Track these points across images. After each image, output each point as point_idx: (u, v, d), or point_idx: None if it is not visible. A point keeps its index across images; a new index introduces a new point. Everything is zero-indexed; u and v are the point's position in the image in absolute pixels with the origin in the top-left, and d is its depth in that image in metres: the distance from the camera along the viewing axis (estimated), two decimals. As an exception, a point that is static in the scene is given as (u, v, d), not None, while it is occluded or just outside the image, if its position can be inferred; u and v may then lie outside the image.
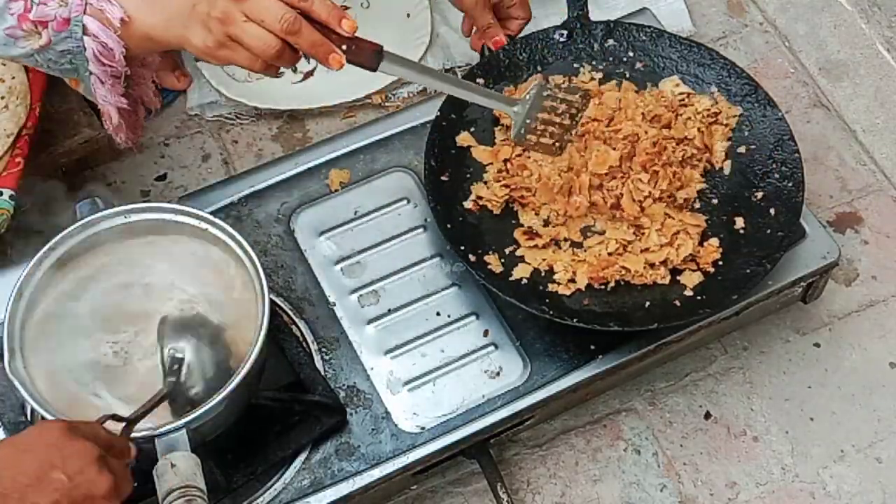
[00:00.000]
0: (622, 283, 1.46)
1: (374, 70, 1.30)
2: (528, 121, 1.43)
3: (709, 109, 1.55)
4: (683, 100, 1.57)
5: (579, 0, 1.63)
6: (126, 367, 1.30)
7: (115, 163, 1.82)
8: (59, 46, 1.31)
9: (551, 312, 1.41)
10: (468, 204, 1.51)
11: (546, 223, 1.50)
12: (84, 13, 1.29)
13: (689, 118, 1.54)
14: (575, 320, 1.41)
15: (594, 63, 1.62)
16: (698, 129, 1.53)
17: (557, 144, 1.45)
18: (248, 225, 1.55)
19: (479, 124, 1.58)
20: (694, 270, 1.47)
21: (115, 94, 1.36)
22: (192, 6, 1.26)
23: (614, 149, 1.48)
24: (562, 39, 1.63)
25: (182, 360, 1.26)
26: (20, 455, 1.07)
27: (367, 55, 1.29)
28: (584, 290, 1.45)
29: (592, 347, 1.46)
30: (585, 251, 1.47)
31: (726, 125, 1.56)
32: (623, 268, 1.45)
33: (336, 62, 1.28)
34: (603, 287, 1.46)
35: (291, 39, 1.26)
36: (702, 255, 1.47)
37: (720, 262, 1.48)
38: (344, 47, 1.28)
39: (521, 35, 1.64)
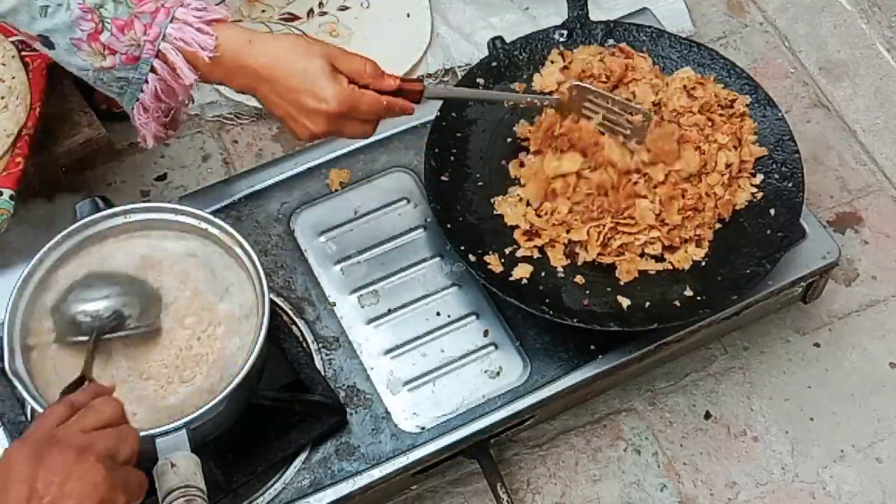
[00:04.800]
0: (621, 281, 1.47)
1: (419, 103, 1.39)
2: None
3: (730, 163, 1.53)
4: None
5: (579, 0, 1.63)
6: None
7: (115, 163, 1.82)
8: (120, 73, 1.32)
9: (551, 312, 1.41)
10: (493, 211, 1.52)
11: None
12: (155, 56, 1.30)
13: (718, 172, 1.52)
14: (575, 320, 1.41)
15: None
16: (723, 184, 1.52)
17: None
18: (248, 225, 1.55)
19: (478, 124, 1.58)
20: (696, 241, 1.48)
21: (157, 123, 1.38)
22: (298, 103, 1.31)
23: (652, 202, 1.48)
24: (562, 39, 1.63)
25: (73, 315, 1.27)
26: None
27: (414, 96, 1.38)
28: (584, 271, 1.46)
29: (592, 347, 1.46)
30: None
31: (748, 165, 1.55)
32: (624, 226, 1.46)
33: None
34: (602, 269, 1.46)
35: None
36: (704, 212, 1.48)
37: (720, 262, 1.48)
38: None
39: (521, 35, 1.64)
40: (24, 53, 1.61)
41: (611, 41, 1.63)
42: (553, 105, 1.48)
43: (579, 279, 1.47)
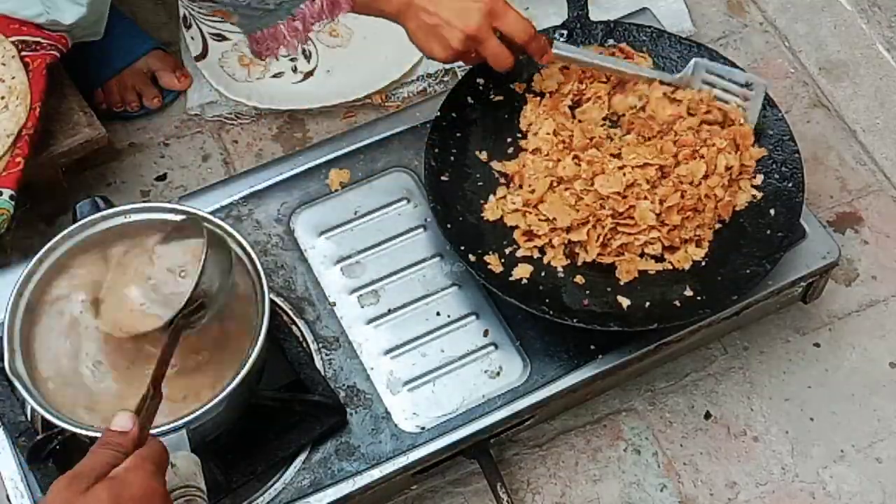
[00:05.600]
0: (620, 279, 1.47)
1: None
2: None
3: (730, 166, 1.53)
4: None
5: (579, 0, 1.63)
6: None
7: (115, 163, 1.82)
8: None
9: (551, 312, 1.41)
10: (486, 215, 1.52)
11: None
12: None
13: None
14: (575, 320, 1.41)
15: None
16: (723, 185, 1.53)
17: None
18: (248, 225, 1.55)
19: (478, 124, 1.58)
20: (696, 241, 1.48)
21: (297, 40, 1.42)
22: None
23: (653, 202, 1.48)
24: (562, 39, 1.63)
25: (205, 305, 1.24)
26: None
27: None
28: (582, 269, 1.47)
29: (592, 347, 1.46)
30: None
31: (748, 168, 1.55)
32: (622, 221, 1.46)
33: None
34: (601, 266, 1.47)
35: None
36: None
37: (720, 262, 1.48)
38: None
39: (522, 35, 1.64)
40: (23, 53, 1.61)
41: (611, 41, 1.63)
42: (672, 83, 1.53)
43: (579, 279, 1.47)
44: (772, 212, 1.51)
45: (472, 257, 1.46)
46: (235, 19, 1.38)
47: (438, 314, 1.50)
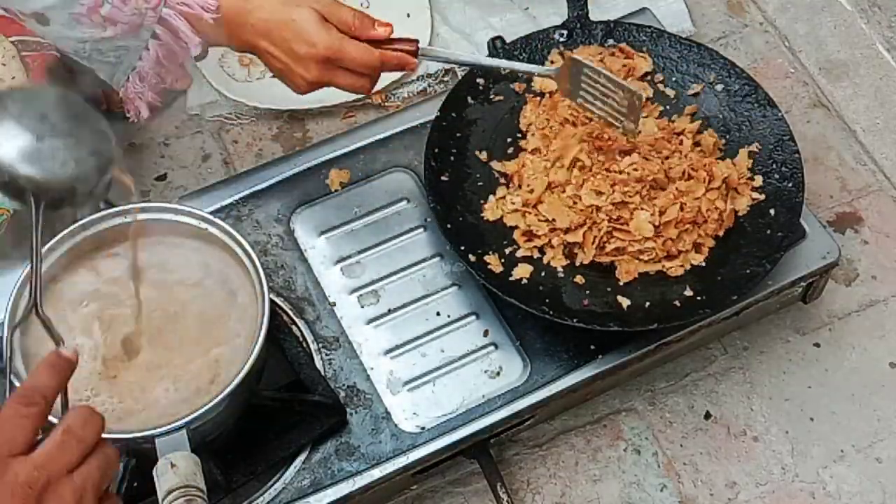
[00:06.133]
0: (619, 279, 1.47)
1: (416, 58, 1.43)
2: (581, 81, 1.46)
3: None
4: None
5: (579, 0, 1.63)
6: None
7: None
8: (120, 42, 1.34)
9: (551, 312, 1.41)
10: (486, 215, 1.51)
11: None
12: (157, 22, 1.33)
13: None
14: (575, 320, 1.41)
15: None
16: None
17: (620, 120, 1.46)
18: (248, 225, 1.55)
19: (478, 124, 1.58)
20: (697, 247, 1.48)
21: (153, 91, 1.40)
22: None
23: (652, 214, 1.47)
24: (562, 39, 1.63)
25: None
26: None
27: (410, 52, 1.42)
28: (582, 270, 1.47)
29: (592, 347, 1.46)
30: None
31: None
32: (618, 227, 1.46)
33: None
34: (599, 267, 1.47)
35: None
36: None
37: (720, 262, 1.48)
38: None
39: (522, 35, 1.64)
40: (23, 53, 1.61)
41: (611, 41, 1.63)
42: (551, 76, 1.50)
43: (579, 279, 1.47)
44: (772, 212, 1.51)
45: (472, 257, 1.46)
46: (100, 71, 1.39)
47: (438, 314, 1.50)
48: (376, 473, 1.39)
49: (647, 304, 1.45)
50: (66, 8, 1.30)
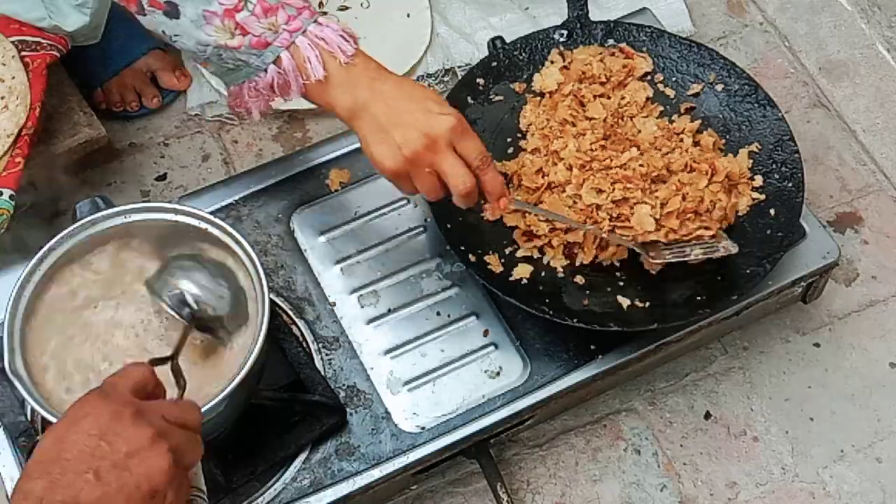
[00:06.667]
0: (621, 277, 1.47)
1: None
2: None
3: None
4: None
5: (579, 0, 1.63)
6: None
7: (115, 163, 1.82)
8: (242, 56, 1.32)
9: (551, 312, 1.41)
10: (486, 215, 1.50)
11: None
12: (287, 47, 1.30)
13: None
14: (575, 320, 1.41)
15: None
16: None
17: None
18: (248, 225, 1.55)
19: (478, 124, 1.58)
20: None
21: (258, 107, 1.38)
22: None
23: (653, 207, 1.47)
24: (562, 39, 1.63)
25: (182, 293, 1.26)
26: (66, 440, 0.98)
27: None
28: (584, 270, 1.47)
29: (592, 347, 1.46)
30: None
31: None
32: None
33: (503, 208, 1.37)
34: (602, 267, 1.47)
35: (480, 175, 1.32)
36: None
37: (720, 262, 1.48)
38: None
39: (521, 35, 1.64)
40: (23, 54, 1.61)
41: (611, 41, 1.63)
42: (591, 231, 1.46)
43: (579, 279, 1.47)
44: (772, 212, 1.51)
45: (472, 257, 1.46)
46: (212, 67, 1.38)
47: (438, 314, 1.50)
48: (376, 473, 1.39)
49: (647, 304, 1.45)
50: (203, 4, 1.28)
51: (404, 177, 1.32)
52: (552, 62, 1.60)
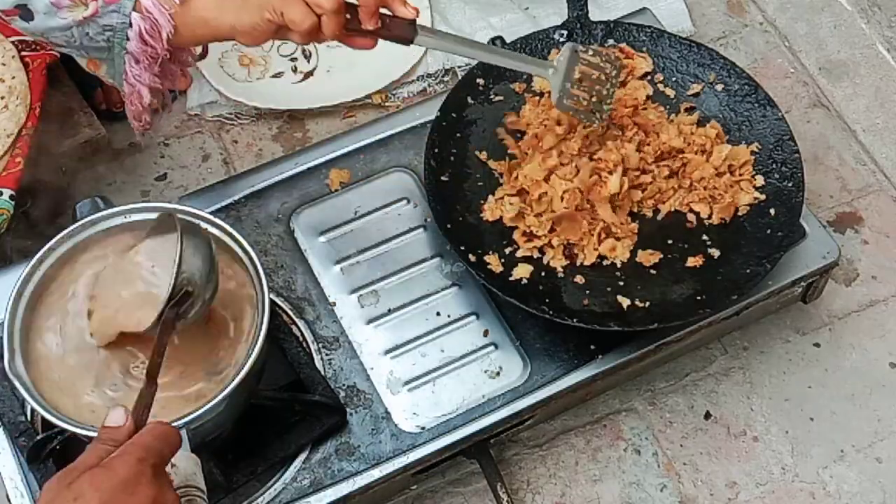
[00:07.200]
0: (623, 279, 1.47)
1: (411, 43, 1.34)
2: (567, 84, 1.42)
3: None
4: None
5: (579, 0, 1.63)
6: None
7: (115, 163, 1.82)
8: (104, 20, 1.31)
9: (551, 312, 1.41)
10: (486, 215, 1.51)
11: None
12: None
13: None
14: (575, 320, 1.41)
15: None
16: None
17: (596, 113, 1.45)
18: (248, 225, 1.55)
19: (478, 124, 1.58)
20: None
21: (150, 72, 1.37)
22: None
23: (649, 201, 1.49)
24: (562, 39, 1.63)
25: (191, 293, 1.24)
26: None
27: (403, 27, 1.33)
28: (584, 270, 1.47)
29: (592, 347, 1.46)
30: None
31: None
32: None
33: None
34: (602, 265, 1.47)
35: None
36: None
37: (720, 262, 1.48)
38: (380, 23, 1.32)
39: (521, 35, 1.64)
40: (23, 53, 1.61)
41: (611, 41, 1.63)
42: (549, 69, 1.45)
43: (579, 279, 1.47)
44: (772, 212, 1.51)
45: (472, 257, 1.46)
46: (102, 69, 1.37)
47: (438, 314, 1.50)
48: (376, 473, 1.39)
49: (647, 304, 1.45)
50: None
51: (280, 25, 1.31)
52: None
